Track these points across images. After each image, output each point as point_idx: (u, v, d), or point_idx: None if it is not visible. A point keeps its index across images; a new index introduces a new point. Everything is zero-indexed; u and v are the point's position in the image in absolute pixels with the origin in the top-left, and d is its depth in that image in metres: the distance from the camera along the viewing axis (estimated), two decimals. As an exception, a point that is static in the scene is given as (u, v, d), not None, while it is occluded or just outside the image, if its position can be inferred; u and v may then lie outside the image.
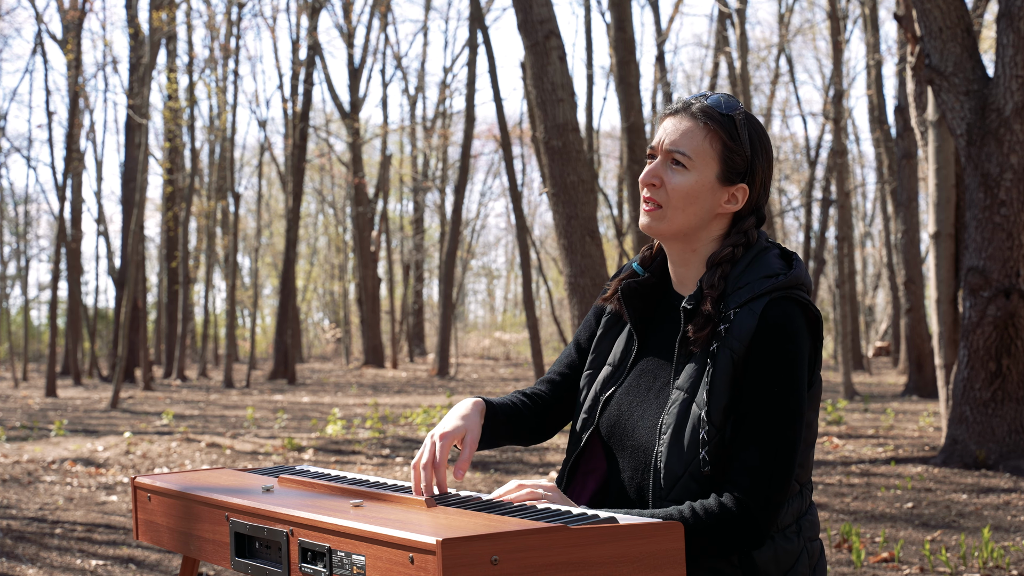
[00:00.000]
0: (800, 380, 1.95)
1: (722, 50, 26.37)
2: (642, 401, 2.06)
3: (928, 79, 8.60)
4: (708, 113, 2.04)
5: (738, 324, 1.96)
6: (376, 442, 11.31)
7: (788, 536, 1.99)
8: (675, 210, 2.03)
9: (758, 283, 1.99)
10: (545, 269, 36.98)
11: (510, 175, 12.83)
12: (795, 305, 1.98)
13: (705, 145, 2.03)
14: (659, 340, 2.10)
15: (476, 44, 27.15)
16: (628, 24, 14.43)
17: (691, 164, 2.02)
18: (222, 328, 41.62)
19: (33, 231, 41.18)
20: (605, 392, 2.12)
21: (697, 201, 2.03)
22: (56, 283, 23.63)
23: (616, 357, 2.15)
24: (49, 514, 7.19)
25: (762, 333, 1.94)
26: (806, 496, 2.05)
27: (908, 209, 18.04)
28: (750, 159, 2.04)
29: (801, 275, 2.02)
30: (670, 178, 2.04)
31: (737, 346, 1.95)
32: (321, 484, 1.99)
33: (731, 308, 1.98)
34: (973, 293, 8.40)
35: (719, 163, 2.03)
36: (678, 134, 2.04)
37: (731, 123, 2.03)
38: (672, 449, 1.96)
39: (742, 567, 1.96)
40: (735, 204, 2.05)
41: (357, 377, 28.44)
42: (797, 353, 1.95)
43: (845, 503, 7.35)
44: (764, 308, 1.96)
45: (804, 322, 1.99)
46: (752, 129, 2.05)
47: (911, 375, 17.85)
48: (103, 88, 40.27)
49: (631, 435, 2.05)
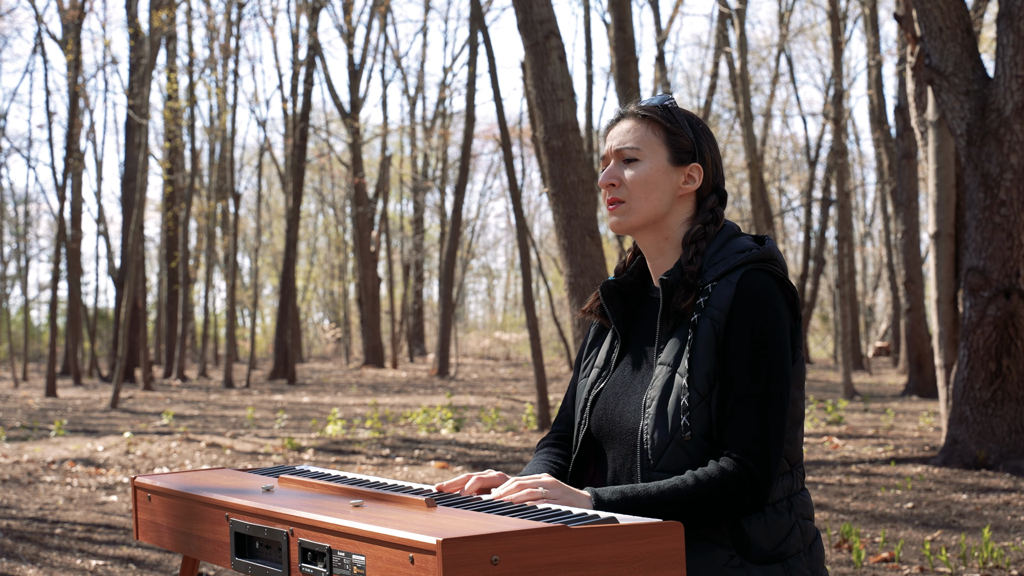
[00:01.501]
0: (782, 344, 2.00)
1: (722, 50, 26.38)
2: (626, 389, 2.11)
3: (928, 79, 8.60)
4: (643, 108, 2.17)
5: (716, 294, 2.02)
6: (376, 442, 11.31)
7: (779, 510, 2.02)
8: (638, 200, 2.12)
9: (732, 257, 2.07)
10: (545, 269, 36.98)
11: (510, 175, 12.83)
12: (771, 277, 2.05)
13: (649, 135, 2.14)
14: (642, 332, 2.16)
15: (476, 44, 27.15)
16: (628, 24, 14.43)
17: (641, 155, 2.13)
18: (222, 328, 41.63)
19: (33, 231, 41.19)
20: (592, 392, 2.17)
21: (657, 186, 2.12)
22: (56, 283, 23.64)
23: (602, 359, 2.21)
24: (49, 514, 7.19)
25: (741, 298, 2.01)
26: (797, 477, 2.07)
27: (908, 209, 18.05)
28: (694, 139, 2.15)
29: (773, 251, 2.10)
30: (625, 173, 2.13)
31: (717, 314, 2.00)
32: (321, 484, 2.00)
33: (708, 282, 2.05)
34: (973, 293, 8.40)
35: (666, 147, 2.13)
36: (622, 134, 2.16)
37: (665, 111, 2.16)
38: (658, 420, 2.00)
39: (732, 537, 1.98)
40: (693, 183, 2.14)
41: (357, 377, 28.44)
42: (777, 317, 2.01)
43: (845, 503, 7.35)
44: (741, 277, 2.03)
45: (780, 293, 2.04)
46: (688, 115, 2.18)
47: (911, 375, 17.85)
48: (103, 88, 40.33)
49: (619, 421, 2.09)
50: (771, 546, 2.00)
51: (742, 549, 1.98)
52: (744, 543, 1.98)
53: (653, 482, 1.95)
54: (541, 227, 43.40)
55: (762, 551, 1.99)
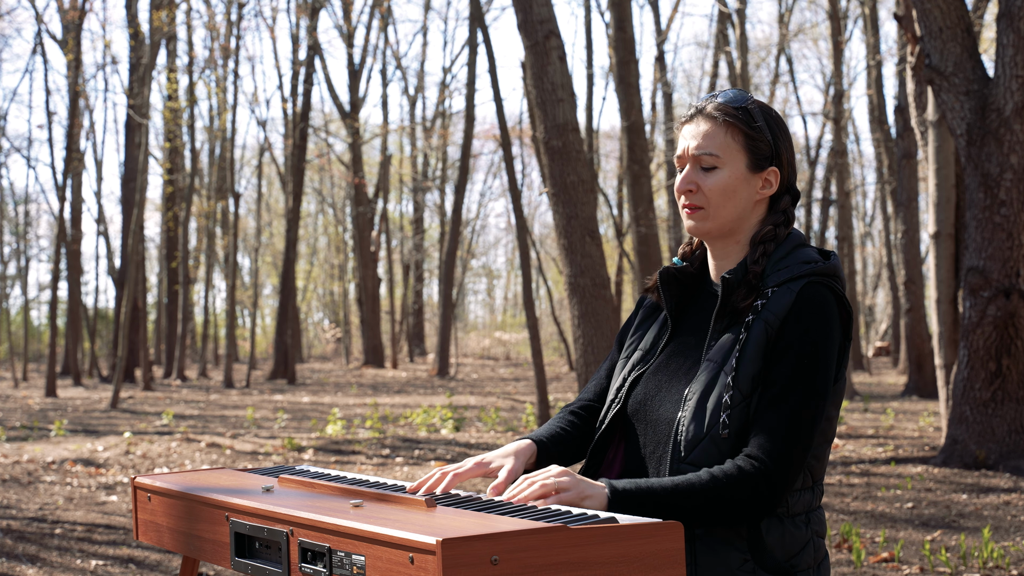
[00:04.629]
0: (828, 359, 1.98)
1: (722, 50, 26.37)
2: (670, 378, 2.09)
3: (928, 79, 8.59)
4: (723, 110, 2.09)
5: (775, 300, 2.01)
6: (376, 442, 11.31)
7: (797, 524, 2.01)
8: (717, 207, 2.08)
9: (797, 267, 2.04)
10: (545, 269, 36.97)
11: (510, 175, 12.83)
12: (831, 293, 2.03)
13: (728, 140, 2.08)
14: (694, 324, 2.13)
15: (476, 44, 27.15)
16: (628, 24, 14.43)
17: (720, 162, 2.08)
18: (222, 328, 41.62)
19: (33, 231, 41.17)
20: (633, 373, 2.15)
21: (736, 194, 2.08)
22: (56, 283, 23.63)
23: (648, 342, 2.19)
24: (49, 514, 7.19)
25: (798, 307, 1.99)
26: (817, 494, 2.06)
27: (908, 209, 18.04)
28: (772, 142, 2.09)
29: (838, 268, 2.08)
30: (704, 180, 2.09)
31: (772, 319, 1.99)
32: (321, 484, 1.99)
33: (769, 286, 2.03)
34: (973, 293, 8.40)
35: (746, 153, 2.08)
36: (700, 137, 2.09)
37: (746, 114, 2.09)
38: (696, 414, 1.99)
39: (749, 541, 1.96)
40: (770, 188, 2.11)
41: (357, 377, 28.43)
42: (829, 332, 1.99)
43: (845, 503, 7.35)
44: (802, 287, 2.01)
45: (837, 311, 2.02)
46: (767, 114, 2.11)
47: (911, 375, 17.84)
48: (103, 88, 40.29)
49: (656, 409, 2.07)
50: (785, 557, 1.99)
51: (757, 555, 1.96)
52: (760, 550, 1.97)
53: (668, 477, 1.94)
54: (541, 227, 43.40)
55: (775, 561, 1.98)
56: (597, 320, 9.08)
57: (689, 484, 1.90)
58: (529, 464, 2.12)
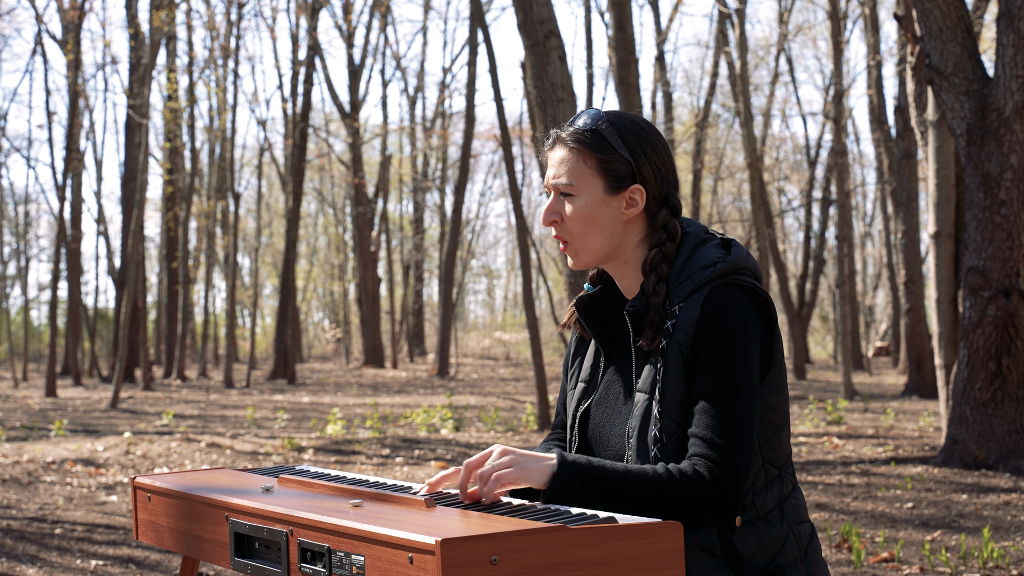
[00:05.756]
0: (749, 356, 1.94)
1: (722, 50, 26.38)
2: (612, 411, 2.08)
3: (928, 79, 8.60)
4: (574, 137, 2.06)
5: (683, 316, 1.97)
6: (376, 442, 11.31)
7: (771, 521, 1.99)
8: (581, 238, 2.06)
9: (697, 275, 2.00)
10: (545, 269, 36.97)
11: (510, 175, 12.84)
12: (738, 289, 1.99)
13: (581, 165, 2.04)
14: (621, 348, 2.12)
15: (476, 44, 27.15)
16: (628, 24, 14.44)
17: (575, 189, 2.05)
18: (222, 328, 41.63)
19: (33, 231, 41.18)
20: (580, 407, 2.14)
21: (596, 220, 2.05)
22: (56, 283, 23.64)
23: (587, 372, 2.17)
24: (49, 514, 7.19)
25: (704, 319, 1.95)
26: (786, 480, 2.03)
27: (908, 209, 18.05)
28: (631, 159, 2.05)
29: (741, 260, 2.02)
30: (564, 209, 2.07)
31: (683, 338, 1.96)
32: (321, 484, 2.00)
33: (675, 304, 1.99)
34: (973, 293, 8.40)
35: (600, 177, 2.04)
36: (557, 166, 2.08)
37: (596, 136, 2.05)
38: (639, 451, 1.97)
39: (725, 556, 1.94)
40: (636, 206, 2.06)
41: (357, 377, 28.44)
42: (743, 331, 1.95)
43: (845, 503, 7.35)
44: (706, 297, 1.97)
45: (750, 304, 1.99)
46: (623, 130, 2.06)
47: (911, 375, 17.85)
48: (103, 88, 40.26)
49: (608, 445, 2.07)
50: (767, 561, 1.96)
51: (737, 570, 1.94)
52: (739, 563, 1.94)
53: (622, 463, 1.92)
54: (541, 227, 43.36)
55: (758, 568, 1.96)
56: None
57: (643, 473, 1.87)
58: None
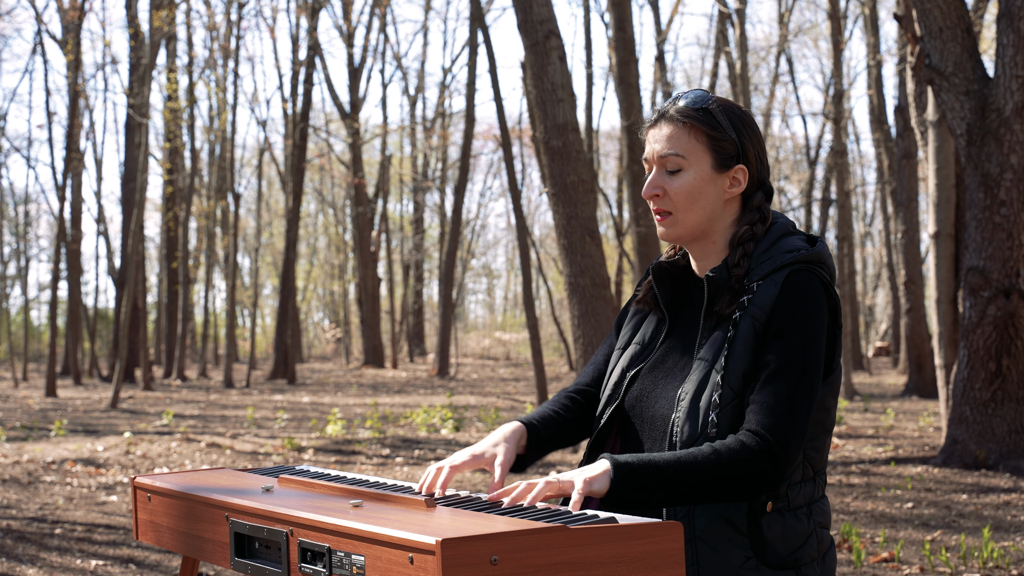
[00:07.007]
0: (818, 338, 1.99)
1: (722, 50, 26.36)
2: (666, 376, 2.10)
3: (928, 79, 8.60)
4: (684, 112, 2.10)
5: (760, 293, 2.01)
6: (376, 442, 11.31)
7: (799, 516, 2.01)
8: (684, 211, 2.09)
9: (780, 257, 2.05)
10: (545, 269, 36.97)
11: (510, 175, 12.83)
12: (816, 279, 2.03)
13: (691, 142, 2.08)
14: (687, 318, 2.14)
15: (476, 44, 27.14)
16: (628, 24, 14.44)
17: (684, 163, 2.08)
18: (222, 328, 41.62)
19: (33, 231, 41.17)
20: (632, 369, 2.16)
21: (702, 195, 2.09)
22: (56, 283, 23.63)
23: (645, 337, 2.19)
24: (49, 514, 7.19)
25: (783, 296, 2.00)
26: (819, 484, 2.06)
27: (908, 209, 18.04)
28: (737, 140, 2.10)
29: (823, 254, 2.07)
30: (670, 183, 2.09)
31: (758, 313, 2.00)
32: (321, 484, 2.00)
33: (754, 281, 2.03)
34: (973, 293, 8.40)
35: (710, 153, 2.09)
36: (664, 140, 2.10)
37: (708, 114, 2.10)
38: (689, 414, 1.99)
39: (750, 538, 1.96)
40: (739, 186, 2.11)
41: (357, 377, 28.44)
42: (817, 314, 2.00)
43: (845, 503, 7.35)
44: (786, 277, 2.01)
45: (824, 297, 2.03)
46: (730, 112, 2.12)
47: (911, 375, 17.84)
48: (103, 88, 40.22)
49: (652, 407, 2.08)
50: (787, 551, 1.99)
51: (759, 551, 1.97)
52: (762, 545, 1.97)
53: (668, 452, 1.94)
54: (541, 227, 43.38)
55: (778, 556, 1.98)
56: (597, 320, 9.09)
57: (692, 458, 1.90)
58: (521, 448, 2.12)
